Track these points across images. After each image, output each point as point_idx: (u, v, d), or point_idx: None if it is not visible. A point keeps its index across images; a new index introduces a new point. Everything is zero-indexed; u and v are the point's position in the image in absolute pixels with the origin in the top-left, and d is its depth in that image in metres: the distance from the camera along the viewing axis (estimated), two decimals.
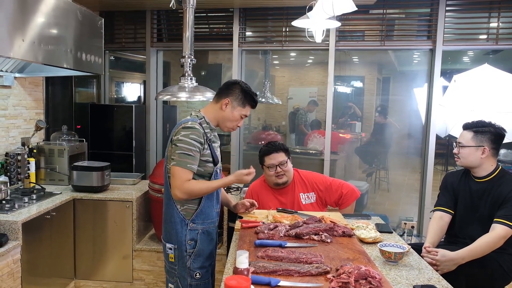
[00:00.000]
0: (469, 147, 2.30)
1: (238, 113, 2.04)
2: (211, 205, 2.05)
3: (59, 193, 3.09)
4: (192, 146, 1.91)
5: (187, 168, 1.91)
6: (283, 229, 1.99)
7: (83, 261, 3.24)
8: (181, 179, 1.90)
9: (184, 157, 1.90)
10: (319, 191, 2.78)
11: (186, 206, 2.00)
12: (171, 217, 2.01)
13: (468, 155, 2.30)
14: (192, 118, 2.03)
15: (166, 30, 4.74)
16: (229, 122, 2.06)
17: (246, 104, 2.05)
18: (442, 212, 2.39)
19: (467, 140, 2.31)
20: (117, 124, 4.27)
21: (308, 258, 1.64)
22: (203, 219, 2.01)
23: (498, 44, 4.07)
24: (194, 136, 1.92)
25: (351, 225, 2.21)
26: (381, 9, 4.23)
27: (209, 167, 2.01)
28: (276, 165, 2.67)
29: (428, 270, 1.78)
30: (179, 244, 1.99)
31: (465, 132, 2.36)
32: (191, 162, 1.92)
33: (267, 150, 2.74)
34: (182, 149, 1.91)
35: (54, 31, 2.69)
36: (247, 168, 2.14)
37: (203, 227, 2.02)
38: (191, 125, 1.95)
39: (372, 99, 5.93)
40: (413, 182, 4.82)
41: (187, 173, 1.91)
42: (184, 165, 1.90)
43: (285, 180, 2.72)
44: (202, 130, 1.97)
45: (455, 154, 2.38)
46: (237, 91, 2.04)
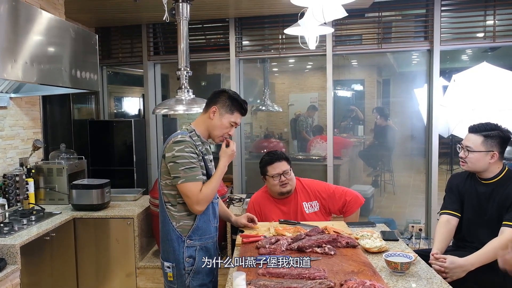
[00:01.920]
0: (478, 152, 2.21)
1: (227, 120, 1.99)
2: (208, 220, 2.00)
3: (59, 213, 3.05)
4: (192, 158, 1.89)
5: (197, 180, 1.89)
6: (285, 242, 1.94)
7: (86, 281, 3.19)
8: (195, 193, 1.88)
9: (190, 172, 1.88)
10: (322, 199, 2.73)
11: (182, 222, 1.96)
12: (168, 235, 1.97)
13: (477, 161, 2.22)
14: (182, 131, 2.00)
15: (163, 43, 4.73)
16: (218, 130, 2.00)
17: (234, 111, 2.00)
18: (448, 215, 2.33)
19: (476, 145, 2.22)
20: (117, 139, 4.25)
21: (311, 274, 1.59)
22: (200, 235, 1.97)
23: (496, 41, 4.03)
24: (189, 149, 1.90)
25: (355, 235, 2.16)
26: (377, 12, 4.21)
27: (204, 180, 1.97)
28: (280, 174, 2.63)
29: (437, 279, 1.72)
30: (177, 262, 1.95)
31: (473, 135, 2.24)
32: (198, 173, 1.90)
33: (270, 160, 2.70)
34: (184, 165, 1.87)
35: (48, 50, 2.67)
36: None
37: (200, 243, 1.97)
38: (181, 139, 1.92)
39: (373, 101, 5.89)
40: (419, 183, 4.76)
41: (197, 185, 1.89)
42: (193, 178, 1.88)
43: (289, 189, 2.67)
44: (193, 142, 1.95)
45: (461, 158, 2.27)
46: (224, 98, 2.00)
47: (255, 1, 3.80)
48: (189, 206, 1.91)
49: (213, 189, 1.94)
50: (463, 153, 2.27)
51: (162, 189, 1.98)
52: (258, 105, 5.41)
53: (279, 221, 2.47)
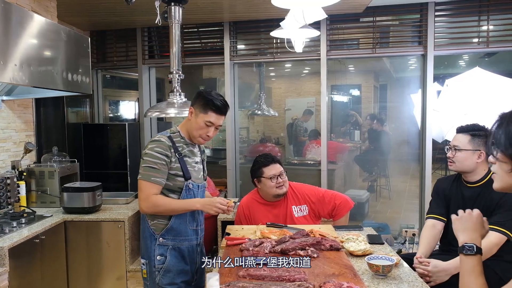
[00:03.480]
0: (465, 151, 2.22)
1: (202, 120, 2.01)
2: (183, 222, 2.03)
3: (50, 215, 3.05)
4: (157, 159, 1.92)
5: (151, 181, 1.92)
6: (268, 245, 1.94)
7: (76, 284, 3.18)
8: (146, 192, 1.92)
9: (148, 170, 1.92)
10: (311, 203, 2.74)
11: (156, 220, 2.00)
12: (143, 232, 2.04)
13: (465, 159, 2.23)
14: (164, 132, 2.06)
15: (158, 47, 4.75)
16: (195, 131, 2.03)
17: (208, 110, 2.01)
18: (434, 220, 2.33)
19: (463, 143, 2.24)
20: (111, 143, 4.26)
21: (291, 276, 1.59)
22: (174, 235, 2.00)
23: (490, 47, 4.03)
24: (159, 149, 1.94)
25: (341, 238, 2.15)
26: (371, 17, 4.22)
27: (179, 181, 2.00)
28: (277, 175, 2.66)
29: (418, 282, 1.72)
30: (149, 260, 2.00)
31: (460, 135, 2.28)
32: (156, 175, 1.93)
33: (266, 162, 2.72)
34: (147, 162, 1.93)
35: (39, 52, 2.69)
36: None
37: (173, 243, 2.00)
38: (157, 138, 1.98)
39: (370, 106, 5.91)
40: (414, 188, 4.76)
41: (152, 187, 1.92)
42: (148, 178, 1.92)
43: (285, 191, 2.69)
44: (170, 143, 1.98)
45: (449, 158, 2.30)
46: (199, 98, 2.04)
47: (249, 5, 3.82)
48: (138, 201, 1.98)
49: (165, 206, 1.96)
50: (451, 152, 2.28)
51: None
52: (254, 110, 5.43)
53: (267, 224, 2.47)
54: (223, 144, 4.83)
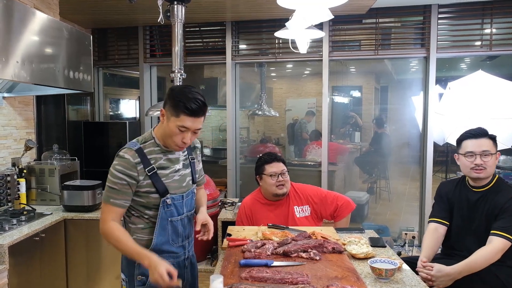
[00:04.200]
0: (494, 155, 2.20)
1: (174, 125, 1.64)
2: (166, 242, 1.76)
3: (49, 213, 3.04)
4: (117, 179, 1.65)
5: (110, 204, 1.67)
6: (270, 247, 1.93)
7: (76, 282, 3.17)
8: (103, 215, 1.69)
9: (108, 191, 1.68)
10: (313, 203, 2.73)
11: (136, 236, 1.74)
12: None
13: (494, 164, 2.21)
14: (133, 142, 1.74)
15: (159, 46, 4.74)
16: (169, 138, 1.68)
17: (179, 113, 1.62)
18: (437, 223, 2.32)
19: (491, 147, 2.21)
20: (111, 141, 4.25)
21: (294, 278, 1.58)
22: (156, 253, 1.66)
23: (492, 50, 4.02)
24: (120, 167, 1.65)
25: (343, 240, 2.14)
26: (374, 18, 4.21)
27: (153, 198, 1.71)
28: (278, 174, 2.63)
29: (421, 286, 1.71)
30: (129, 278, 1.76)
31: (484, 140, 2.21)
32: (115, 197, 1.66)
33: (269, 159, 2.71)
34: (108, 181, 1.68)
35: (41, 49, 2.67)
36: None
37: None
38: (121, 153, 1.68)
39: (371, 108, 5.89)
40: (414, 191, 4.75)
41: (110, 210, 1.67)
42: (107, 200, 1.68)
43: (285, 191, 2.67)
44: (137, 159, 1.66)
45: (479, 166, 2.18)
46: (170, 99, 1.66)
47: (252, 5, 3.81)
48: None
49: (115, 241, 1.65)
50: (480, 159, 2.19)
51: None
52: (255, 110, 5.42)
53: (268, 225, 2.46)
54: (223, 143, 4.82)
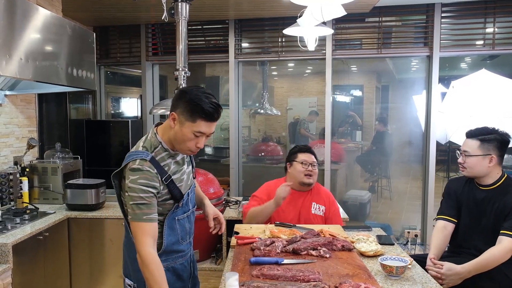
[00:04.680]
0: (475, 156, 2.20)
1: (189, 130, 1.57)
2: (176, 241, 1.74)
3: (53, 212, 3.02)
4: (144, 193, 1.56)
5: (144, 221, 1.56)
6: (280, 244, 1.92)
7: (79, 281, 3.15)
8: (138, 235, 1.56)
9: (137, 209, 1.56)
10: (328, 208, 2.77)
11: None
12: (130, 252, 1.72)
13: (475, 165, 2.21)
14: (143, 152, 1.62)
15: (161, 44, 4.72)
16: (181, 143, 1.62)
17: (196, 118, 1.56)
18: (445, 221, 2.32)
19: (473, 149, 2.21)
20: (113, 140, 4.23)
21: (306, 276, 1.56)
22: (166, 256, 1.71)
23: (495, 49, 4.03)
24: (144, 181, 1.56)
25: (351, 238, 2.13)
26: (377, 17, 4.20)
27: (169, 204, 1.69)
28: (309, 163, 2.68)
29: (432, 283, 1.70)
30: (139, 284, 1.68)
31: (470, 140, 2.25)
32: (148, 212, 1.57)
33: (304, 148, 2.78)
34: (134, 199, 1.56)
35: (44, 47, 2.65)
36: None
37: (166, 264, 1.70)
38: (138, 166, 1.57)
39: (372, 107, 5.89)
40: (415, 189, 4.75)
41: (146, 228, 1.56)
42: (139, 218, 1.56)
43: (311, 182, 2.70)
44: (155, 170, 1.60)
45: (460, 164, 2.27)
46: (183, 102, 1.58)
47: (255, 3, 3.80)
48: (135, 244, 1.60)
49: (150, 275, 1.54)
50: (462, 158, 2.27)
51: (125, 204, 1.68)
52: (257, 108, 5.41)
53: (275, 223, 2.45)
54: (225, 142, 4.81)
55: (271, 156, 5.35)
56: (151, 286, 1.54)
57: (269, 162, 5.30)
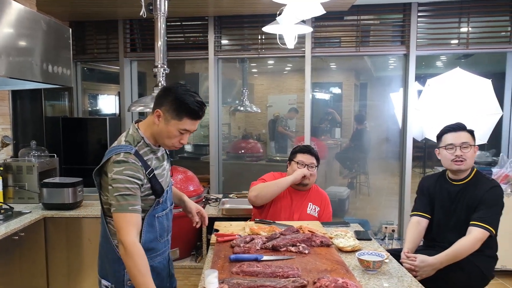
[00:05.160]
0: (473, 147, 2.25)
1: (174, 128, 1.62)
2: (155, 238, 1.73)
3: (28, 212, 2.96)
4: (129, 184, 1.57)
5: (129, 211, 1.56)
6: (259, 241, 1.93)
7: (56, 281, 3.10)
8: (123, 226, 1.54)
9: (122, 200, 1.56)
10: (322, 210, 2.79)
11: None
12: (108, 253, 1.70)
13: (472, 156, 2.26)
14: (126, 146, 1.63)
15: (140, 40, 4.66)
16: (167, 139, 1.65)
17: (182, 116, 1.60)
18: (419, 217, 2.38)
19: (470, 140, 2.26)
20: (91, 137, 4.16)
21: (285, 272, 1.58)
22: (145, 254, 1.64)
23: (469, 48, 4.14)
24: (129, 172, 1.57)
25: (329, 234, 2.17)
26: (355, 15, 4.26)
27: (150, 200, 1.69)
28: (305, 164, 2.68)
29: (407, 277, 1.74)
30: (117, 284, 1.68)
31: (462, 133, 2.27)
32: (134, 203, 1.57)
33: (304, 149, 2.77)
34: (118, 190, 1.56)
35: (17, 42, 2.58)
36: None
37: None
38: (123, 159, 1.58)
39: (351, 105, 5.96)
40: (393, 185, 4.84)
41: (131, 219, 1.56)
42: (125, 209, 1.56)
43: (306, 183, 2.70)
44: (139, 163, 1.61)
45: (459, 157, 2.23)
46: (169, 99, 1.61)
47: (234, 0, 3.79)
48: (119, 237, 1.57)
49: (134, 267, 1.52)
50: (460, 151, 2.24)
51: (103, 202, 1.70)
52: (237, 106, 5.40)
53: (255, 220, 2.46)
54: (205, 140, 4.79)
55: (251, 153, 5.36)
56: (134, 276, 1.52)
57: (249, 159, 5.31)
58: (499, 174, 3.82)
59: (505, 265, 3.65)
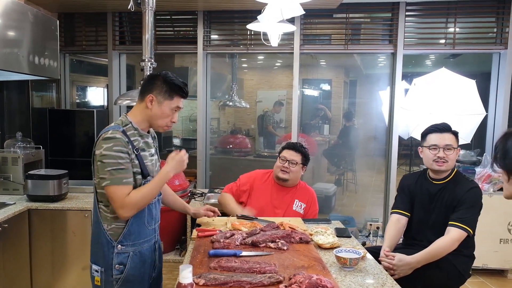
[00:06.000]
0: (455, 149, 2.29)
1: (168, 107, 1.80)
2: (142, 223, 1.83)
3: (12, 203, 2.95)
4: (120, 159, 1.69)
5: (123, 184, 1.70)
6: (239, 237, 1.96)
7: (40, 274, 3.10)
8: (120, 197, 1.68)
9: (116, 173, 1.68)
10: (308, 207, 2.83)
11: (114, 225, 1.78)
12: (98, 238, 1.80)
13: (455, 158, 2.30)
14: (114, 125, 1.78)
15: (129, 33, 4.64)
16: (160, 120, 1.82)
17: (173, 95, 1.81)
18: (399, 214, 2.42)
19: (454, 142, 2.30)
20: (78, 129, 4.15)
21: (262, 268, 1.61)
22: (133, 240, 1.80)
23: (455, 48, 4.19)
24: (118, 147, 1.69)
25: (310, 231, 2.20)
26: (344, 13, 4.28)
27: (138, 179, 1.79)
28: (286, 160, 2.72)
29: (383, 275, 1.79)
30: (106, 268, 1.77)
31: (447, 134, 2.31)
32: (125, 176, 1.71)
33: (289, 146, 2.83)
34: (110, 165, 1.68)
35: (3, 33, 2.57)
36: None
37: (134, 248, 1.80)
38: (111, 135, 1.70)
39: (340, 102, 6.00)
40: (380, 183, 4.89)
41: (124, 189, 1.70)
42: (119, 181, 1.69)
43: (286, 178, 2.74)
44: (126, 138, 1.73)
45: (441, 159, 2.27)
46: (159, 84, 1.80)
47: None
48: (115, 210, 1.73)
49: (145, 196, 1.75)
50: (443, 152, 2.27)
51: (96, 187, 1.80)
52: (226, 101, 5.41)
53: (237, 216, 2.49)
54: (193, 134, 4.80)
55: (239, 148, 5.39)
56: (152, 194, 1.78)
57: (237, 154, 5.34)
58: (482, 173, 3.89)
59: (486, 263, 3.73)
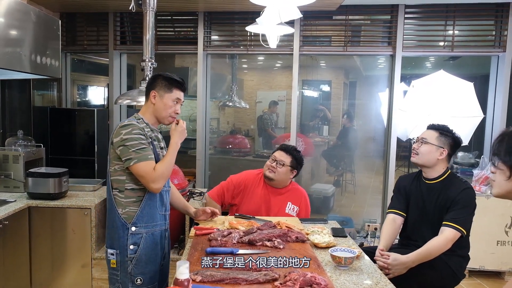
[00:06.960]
0: (431, 145, 2.33)
1: (169, 99, 2.03)
2: (154, 206, 2.02)
3: (13, 200, 2.99)
4: (140, 140, 1.91)
5: (149, 159, 1.90)
6: (236, 235, 1.99)
7: (40, 271, 3.13)
8: (149, 172, 1.89)
9: (141, 152, 1.89)
10: (301, 210, 2.85)
11: (128, 209, 1.97)
12: (113, 222, 1.99)
13: (428, 153, 2.33)
14: (129, 118, 2.03)
15: (130, 33, 4.67)
16: (164, 111, 2.04)
17: (172, 88, 2.04)
18: (394, 214, 2.45)
19: (431, 138, 2.34)
20: (78, 128, 4.18)
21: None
22: (146, 222, 1.99)
23: (454, 51, 4.22)
24: (136, 130, 1.92)
25: (306, 230, 2.23)
26: (344, 15, 4.31)
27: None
28: (274, 160, 2.78)
29: (377, 274, 1.81)
30: (121, 249, 1.97)
31: (430, 131, 2.39)
32: (149, 153, 1.92)
33: (282, 147, 2.89)
34: (134, 146, 1.89)
35: (6, 33, 2.60)
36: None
37: (147, 230, 1.99)
38: (128, 123, 1.95)
39: (339, 103, 6.03)
40: (378, 184, 4.92)
41: (151, 164, 1.90)
42: (145, 158, 1.89)
43: (271, 177, 2.77)
44: (141, 125, 1.97)
45: (414, 150, 2.38)
46: (159, 81, 2.05)
47: None
48: (145, 186, 1.93)
49: (168, 166, 1.97)
50: (417, 144, 2.37)
51: (111, 175, 1.99)
52: (225, 101, 5.44)
53: (235, 215, 2.52)
54: (193, 134, 4.83)
55: (238, 148, 5.42)
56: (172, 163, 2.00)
57: (236, 154, 5.37)
58: (480, 175, 3.91)
59: (483, 265, 3.75)
